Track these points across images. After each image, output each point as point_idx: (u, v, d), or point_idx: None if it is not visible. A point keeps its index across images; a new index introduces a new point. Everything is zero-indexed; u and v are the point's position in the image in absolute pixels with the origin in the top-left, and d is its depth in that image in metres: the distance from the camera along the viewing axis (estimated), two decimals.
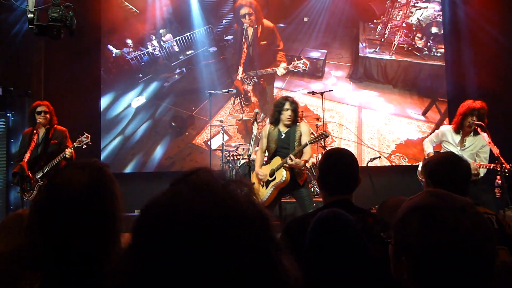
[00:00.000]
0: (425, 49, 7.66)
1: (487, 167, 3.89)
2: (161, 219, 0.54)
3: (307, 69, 7.49)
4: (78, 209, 1.04)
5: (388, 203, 1.94)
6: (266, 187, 3.84)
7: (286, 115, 3.80)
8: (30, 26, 2.69)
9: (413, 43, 7.70)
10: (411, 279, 0.88)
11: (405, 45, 7.69)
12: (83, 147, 4.26)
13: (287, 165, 3.69)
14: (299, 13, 7.70)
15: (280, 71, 7.53)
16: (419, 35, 7.74)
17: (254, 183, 3.99)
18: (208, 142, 7.04)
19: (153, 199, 0.57)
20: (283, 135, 3.84)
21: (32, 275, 1.04)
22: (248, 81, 7.55)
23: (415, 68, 7.63)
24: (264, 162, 4.12)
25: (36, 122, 4.23)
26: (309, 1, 7.70)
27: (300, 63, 7.43)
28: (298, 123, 3.90)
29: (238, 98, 7.47)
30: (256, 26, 7.57)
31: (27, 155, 4.14)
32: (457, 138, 4.11)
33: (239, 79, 7.45)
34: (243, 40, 7.56)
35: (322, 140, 3.90)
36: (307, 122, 5.38)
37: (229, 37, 7.67)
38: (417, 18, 7.75)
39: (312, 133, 4.10)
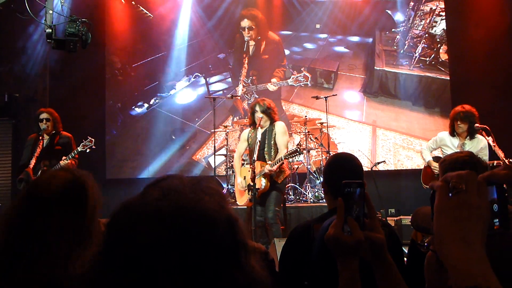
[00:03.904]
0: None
1: (491, 163, 4.67)
2: (129, 219, 0.66)
3: (309, 83, 7.96)
4: (52, 209, 1.20)
5: (423, 210, 2.31)
6: (248, 192, 4.65)
7: (257, 117, 4.63)
8: (48, 40, 3.55)
9: (438, 56, 7.94)
10: None
11: (427, 58, 7.94)
12: (87, 151, 5.00)
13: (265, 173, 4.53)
14: (311, 19, 8.17)
15: (270, 87, 8.18)
16: (444, 47, 7.94)
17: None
18: (209, 159, 7.75)
19: (126, 201, 0.69)
20: (259, 137, 4.62)
21: None
22: (249, 97, 8.25)
23: (439, 84, 7.86)
24: (244, 163, 5.05)
25: (41, 129, 5.09)
26: (322, 8, 8.13)
27: (300, 76, 7.99)
28: (274, 123, 4.68)
29: (237, 117, 8.16)
30: (259, 38, 8.20)
31: (33, 161, 4.96)
32: (455, 141, 4.92)
33: (239, 97, 8.06)
34: (244, 55, 8.20)
35: (295, 156, 4.57)
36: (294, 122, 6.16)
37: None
38: (443, 29, 7.99)
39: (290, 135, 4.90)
